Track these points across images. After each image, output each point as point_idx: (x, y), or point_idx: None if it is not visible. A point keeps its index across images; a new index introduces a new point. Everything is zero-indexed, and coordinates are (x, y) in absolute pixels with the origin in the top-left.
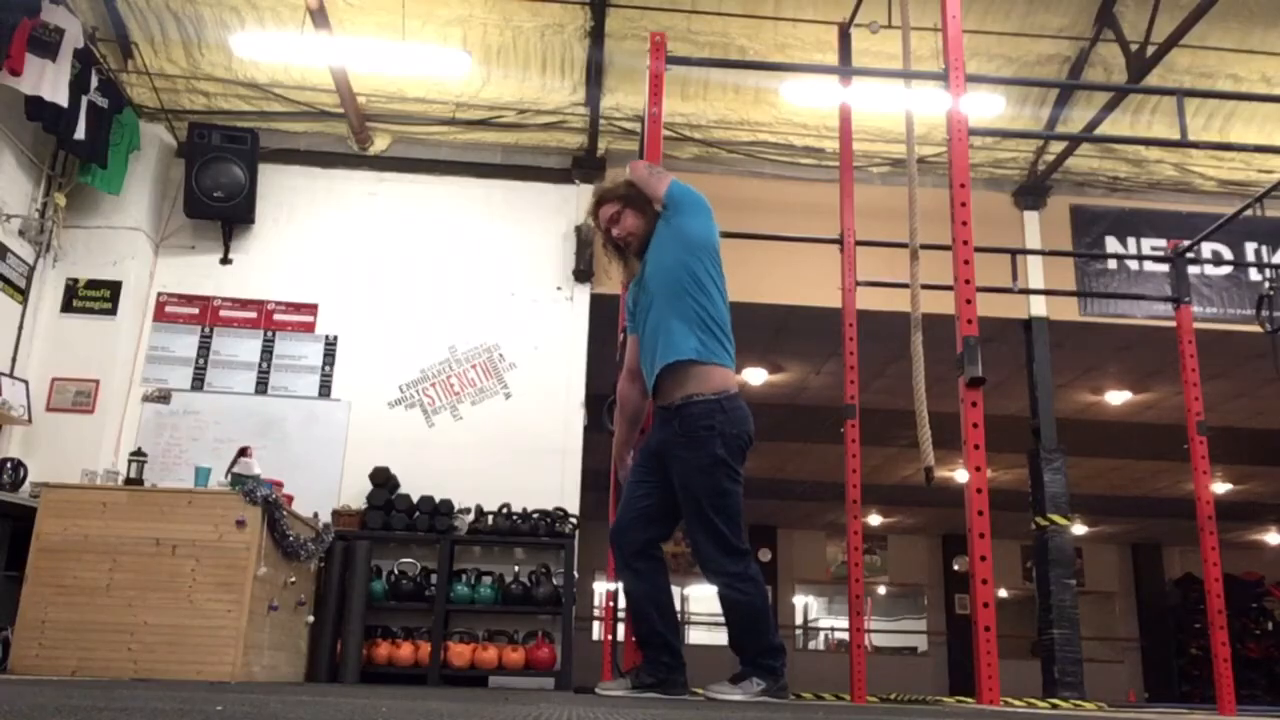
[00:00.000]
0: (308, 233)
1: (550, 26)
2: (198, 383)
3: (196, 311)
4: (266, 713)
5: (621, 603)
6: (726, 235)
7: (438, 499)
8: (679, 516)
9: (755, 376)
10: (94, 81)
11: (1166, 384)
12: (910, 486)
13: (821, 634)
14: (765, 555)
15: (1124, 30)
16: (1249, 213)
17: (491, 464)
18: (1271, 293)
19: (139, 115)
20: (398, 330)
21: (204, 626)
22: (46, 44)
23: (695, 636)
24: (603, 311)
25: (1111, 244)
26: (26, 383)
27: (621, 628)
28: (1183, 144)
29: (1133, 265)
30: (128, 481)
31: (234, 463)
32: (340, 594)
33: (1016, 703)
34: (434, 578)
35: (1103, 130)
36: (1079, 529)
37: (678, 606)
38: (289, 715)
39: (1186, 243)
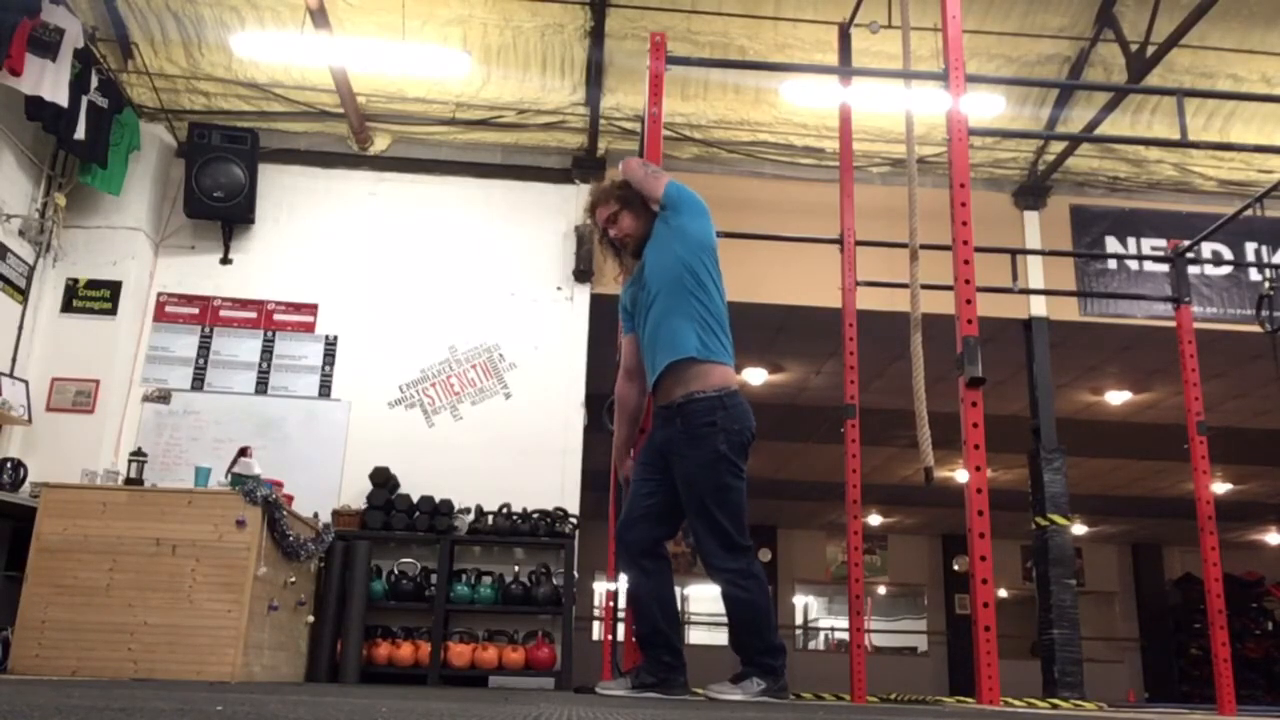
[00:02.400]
0: (308, 233)
1: (550, 26)
2: (198, 383)
3: (196, 311)
4: (266, 713)
5: (622, 602)
6: (727, 235)
7: (438, 499)
8: (683, 515)
9: (755, 376)
10: (94, 81)
11: (1166, 384)
12: (910, 486)
13: (821, 634)
14: (765, 555)
15: (1124, 30)
16: (1249, 213)
17: (491, 464)
18: (1271, 293)
19: (139, 115)
20: (398, 330)
21: (204, 626)
22: (46, 44)
23: (695, 636)
24: (603, 311)
25: (1111, 244)
26: (26, 383)
27: (621, 628)
28: (1183, 144)
29: (1133, 265)
30: (128, 481)
31: (234, 463)
32: (340, 594)
33: (1016, 703)
34: (434, 578)
35: (1103, 130)
36: (1079, 529)
37: (678, 606)
38: (289, 715)
39: (1186, 243)
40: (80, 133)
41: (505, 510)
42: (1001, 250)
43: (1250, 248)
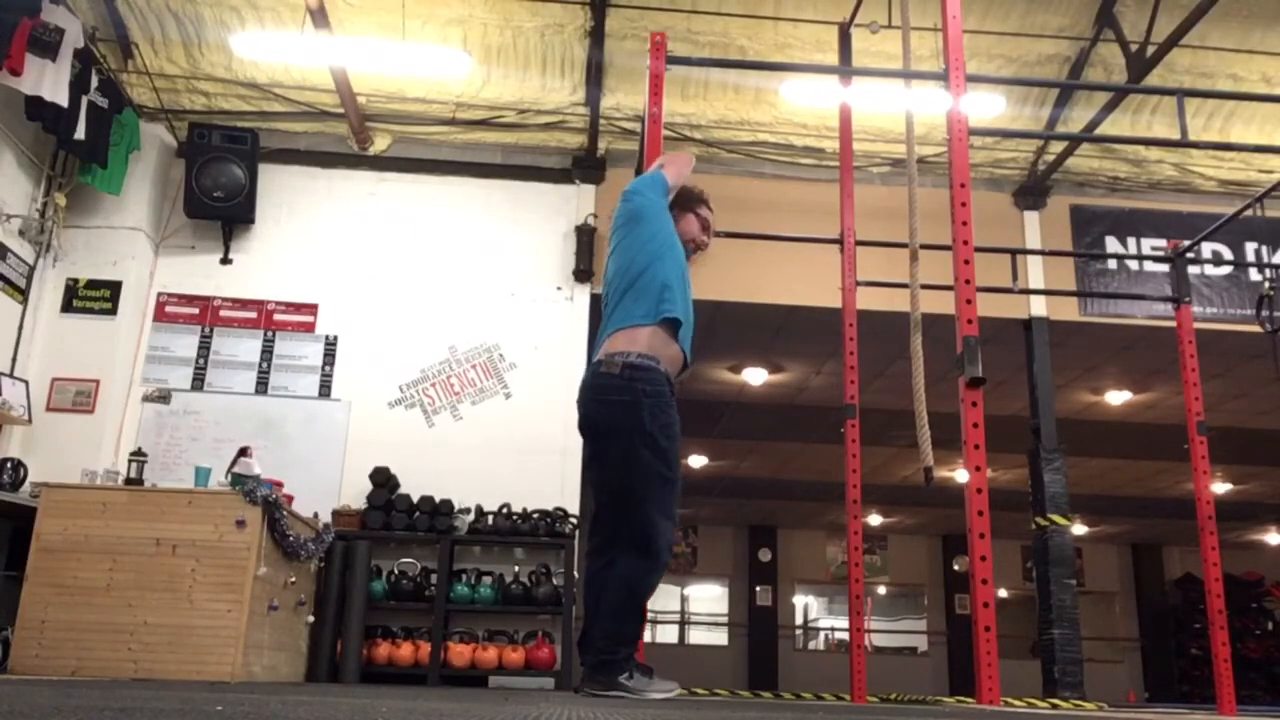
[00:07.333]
0: (308, 233)
1: (550, 26)
2: (198, 383)
3: (196, 311)
4: (266, 713)
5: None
6: (727, 235)
7: (438, 499)
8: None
9: (755, 376)
10: (94, 81)
11: (1166, 384)
12: (910, 486)
13: (821, 634)
14: (765, 555)
15: (1124, 30)
16: (1249, 213)
17: (491, 464)
18: (1271, 293)
19: (139, 115)
20: (398, 330)
21: (204, 626)
22: (46, 44)
23: (695, 637)
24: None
25: (1111, 244)
26: (26, 383)
27: None
28: (1183, 144)
29: (1133, 265)
30: (128, 481)
31: (234, 463)
32: (340, 594)
33: (1016, 703)
34: (434, 578)
35: (1103, 130)
36: (1079, 529)
37: (677, 606)
38: (289, 715)
39: (1186, 243)
40: (80, 133)
41: (505, 510)
42: (1001, 250)
43: (1250, 248)
